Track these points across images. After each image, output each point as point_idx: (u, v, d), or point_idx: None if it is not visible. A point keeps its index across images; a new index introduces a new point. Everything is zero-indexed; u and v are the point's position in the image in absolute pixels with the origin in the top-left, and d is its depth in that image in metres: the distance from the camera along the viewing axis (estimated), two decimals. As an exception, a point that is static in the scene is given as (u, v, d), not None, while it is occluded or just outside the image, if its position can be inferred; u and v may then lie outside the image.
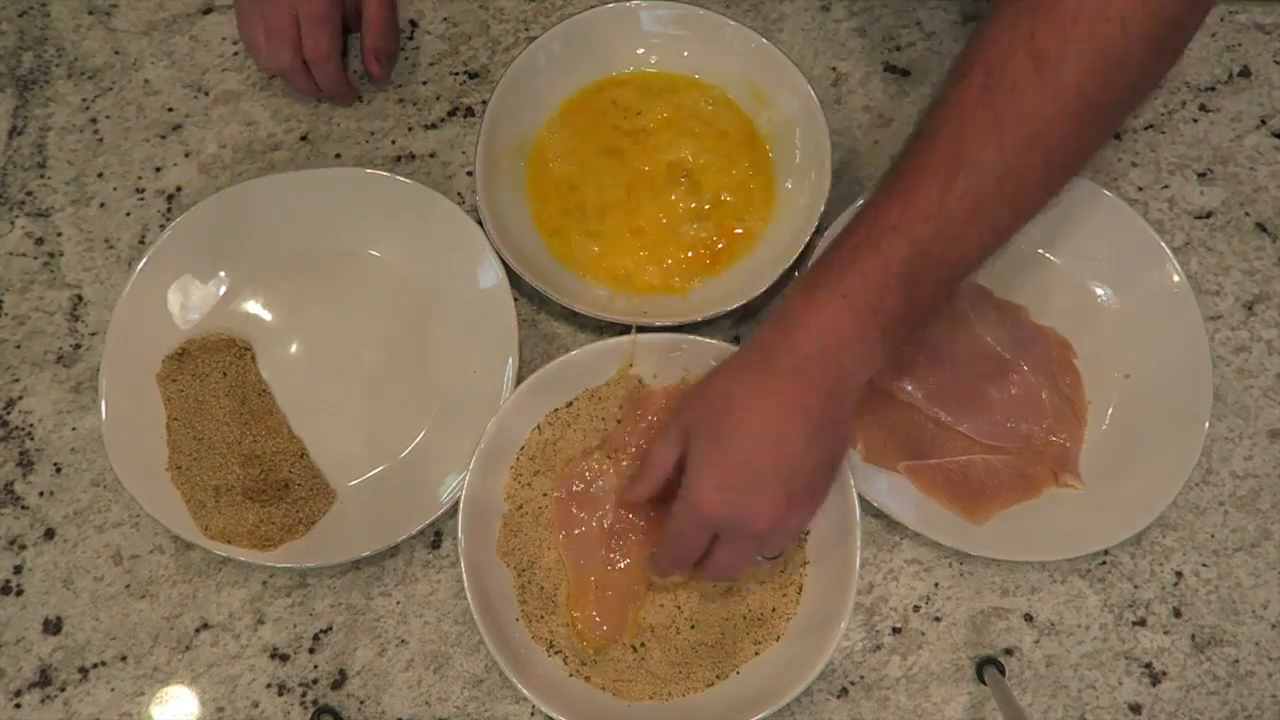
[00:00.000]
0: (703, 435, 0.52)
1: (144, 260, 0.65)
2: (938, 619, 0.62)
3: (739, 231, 0.69)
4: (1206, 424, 0.62)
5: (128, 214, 0.72)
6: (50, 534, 0.64)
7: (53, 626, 0.62)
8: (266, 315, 0.68)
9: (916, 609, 0.62)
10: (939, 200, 0.48)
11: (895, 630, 0.62)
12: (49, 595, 0.63)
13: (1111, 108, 0.49)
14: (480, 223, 0.66)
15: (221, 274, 0.68)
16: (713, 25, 0.71)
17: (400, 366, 0.67)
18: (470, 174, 0.71)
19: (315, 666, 0.61)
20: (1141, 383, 0.65)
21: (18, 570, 0.63)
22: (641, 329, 0.64)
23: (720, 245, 0.69)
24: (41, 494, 0.65)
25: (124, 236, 0.71)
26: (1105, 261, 0.67)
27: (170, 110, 0.74)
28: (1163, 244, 0.66)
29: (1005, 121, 0.47)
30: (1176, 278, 0.65)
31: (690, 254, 0.68)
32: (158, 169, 0.73)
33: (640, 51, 0.72)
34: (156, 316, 0.66)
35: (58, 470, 0.65)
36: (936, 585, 0.63)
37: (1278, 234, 0.71)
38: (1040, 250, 0.68)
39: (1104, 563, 0.63)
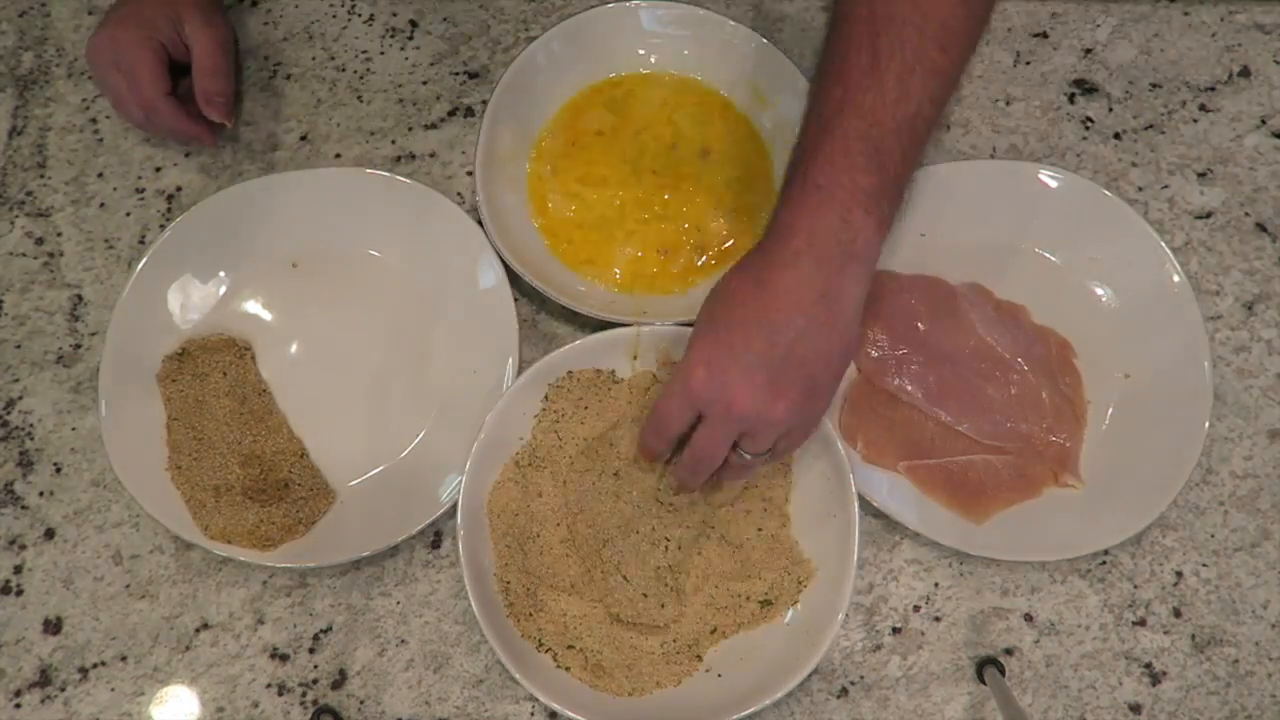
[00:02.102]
0: (700, 324, 0.53)
1: (144, 260, 0.65)
2: (938, 619, 0.62)
3: (739, 231, 0.69)
4: (1206, 424, 0.62)
5: (128, 214, 0.72)
6: (50, 534, 0.64)
7: (53, 626, 0.62)
8: (266, 315, 0.68)
9: (916, 609, 0.62)
10: (870, 67, 0.50)
11: (895, 630, 0.62)
12: (49, 595, 0.63)
13: None
14: (480, 223, 0.66)
15: (221, 274, 0.68)
16: (713, 25, 0.71)
17: (400, 366, 0.67)
18: (470, 174, 0.71)
19: (315, 666, 0.61)
20: (1141, 383, 0.65)
21: (18, 570, 0.63)
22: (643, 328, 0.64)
23: (720, 245, 0.69)
24: (41, 494, 0.65)
25: (124, 236, 0.71)
26: (1105, 261, 0.67)
27: (170, 110, 0.74)
28: (1163, 244, 0.66)
29: None
30: (1176, 278, 0.65)
31: (690, 254, 0.68)
32: (158, 169, 0.73)
33: (640, 51, 0.72)
34: (156, 316, 0.66)
35: (58, 470, 0.66)
36: (936, 585, 0.63)
37: (1278, 234, 0.71)
38: (1040, 250, 0.68)
39: (1104, 563, 0.63)
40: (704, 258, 0.68)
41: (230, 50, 0.70)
